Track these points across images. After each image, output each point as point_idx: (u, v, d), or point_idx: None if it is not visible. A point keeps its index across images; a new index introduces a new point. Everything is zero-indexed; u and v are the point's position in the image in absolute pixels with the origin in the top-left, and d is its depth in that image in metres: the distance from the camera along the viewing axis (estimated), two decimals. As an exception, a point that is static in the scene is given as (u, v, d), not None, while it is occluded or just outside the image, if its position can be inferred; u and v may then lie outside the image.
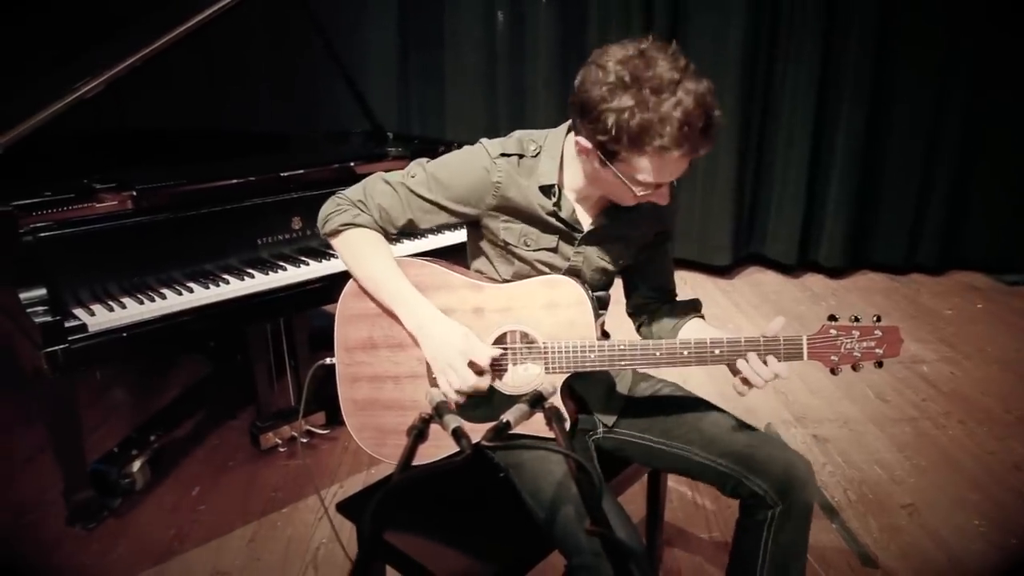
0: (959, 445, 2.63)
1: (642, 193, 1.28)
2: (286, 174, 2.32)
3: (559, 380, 1.33)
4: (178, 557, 2.07)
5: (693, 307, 1.58)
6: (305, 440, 2.56)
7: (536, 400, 0.99)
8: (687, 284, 4.36)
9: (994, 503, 2.30)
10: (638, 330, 1.64)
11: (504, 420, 0.94)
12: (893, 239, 4.40)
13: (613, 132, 1.19)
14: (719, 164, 4.28)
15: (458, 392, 1.30)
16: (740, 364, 1.31)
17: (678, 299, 1.63)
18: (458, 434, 0.90)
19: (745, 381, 1.33)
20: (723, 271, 4.47)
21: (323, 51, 2.75)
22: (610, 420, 1.52)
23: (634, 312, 1.64)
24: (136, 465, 2.32)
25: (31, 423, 2.63)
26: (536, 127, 1.45)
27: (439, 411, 0.96)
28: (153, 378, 3.06)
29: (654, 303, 1.60)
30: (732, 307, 4.01)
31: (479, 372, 1.31)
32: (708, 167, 4.31)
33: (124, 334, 1.83)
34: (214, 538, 2.14)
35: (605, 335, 1.63)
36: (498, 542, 1.39)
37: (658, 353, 1.31)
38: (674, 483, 2.35)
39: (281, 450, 2.53)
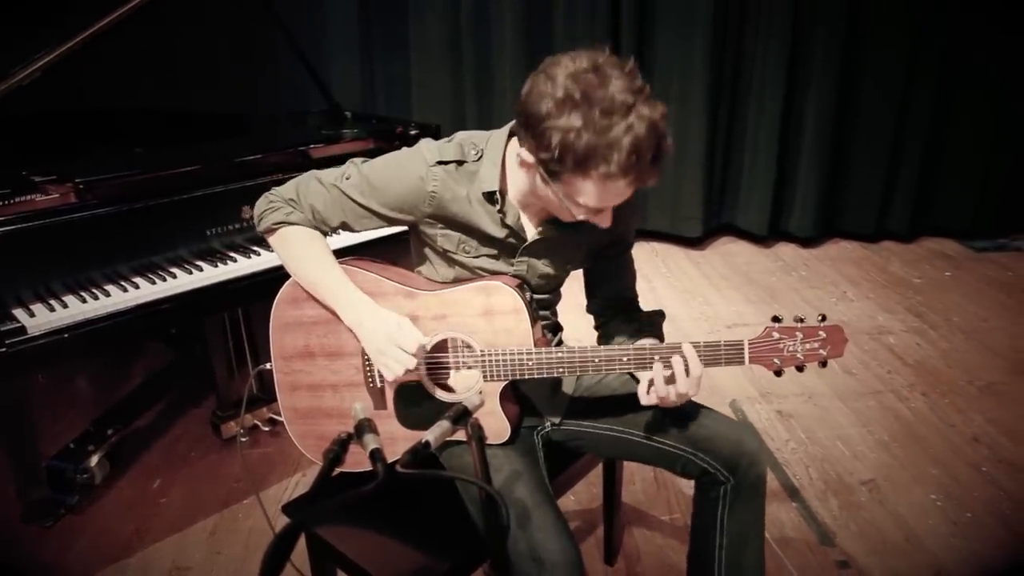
0: (921, 418, 2.65)
1: (582, 216, 1.24)
2: (238, 160, 2.25)
3: (497, 388, 1.31)
4: (138, 553, 2.06)
5: (650, 323, 1.53)
6: (268, 429, 2.53)
7: (460, 416, 0.97)
8: (658, 256, 4.34)
9: (952, 477, 2.33)
10: (596, 329, 1.61)
11: (423, 440, 0.91)
12: (864, 207, 4.39)
13: (557, 152, 1.13)
14: (689, 134, 4.23)
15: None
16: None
17: (642, 309, 1.57)
18: (375, 457, 0.87)
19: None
20: (694, 242, 4.45)
21: (280, 25, 2.66)
22: (557, 419, 1.51)
23: (592, 313, 1.61)
24: (94, 460, 2.28)
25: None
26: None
27: (359, 430, 0.93)
28: (115, 368, 3.01)
29: (611, 309, 1.56)
30: (702, 279, 4.00)
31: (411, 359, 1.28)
32: (679, 138, 4.24)
33: (66, 335, 1.78)
34: (175, 532, 2.13)
35: (558, 327, 1.61)
36: (446, 543, 1.37)
37: (597, 360, 1.29)
38: (637, 466, 2.35)
39: (243, 439, 2.51)
